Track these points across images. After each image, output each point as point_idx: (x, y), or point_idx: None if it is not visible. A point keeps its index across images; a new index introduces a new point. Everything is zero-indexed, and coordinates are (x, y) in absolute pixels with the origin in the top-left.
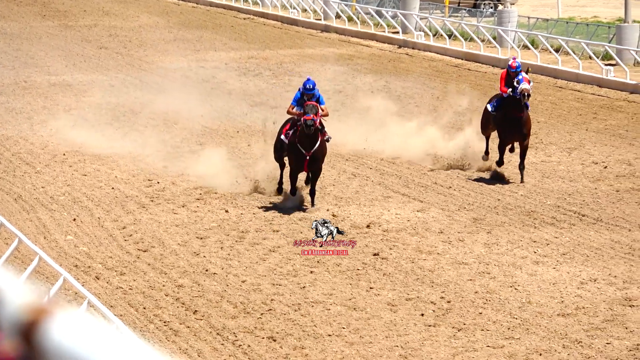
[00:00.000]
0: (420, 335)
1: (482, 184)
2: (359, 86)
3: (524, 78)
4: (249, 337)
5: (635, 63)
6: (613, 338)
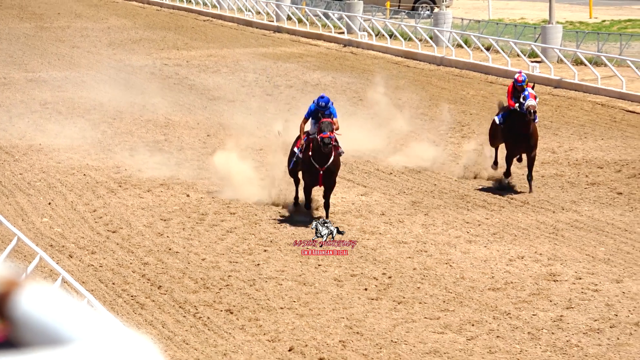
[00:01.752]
0: (364, 308)
1: (420, 170)
2: (308, 81)
3: (530, 94)
4: (209, 310)
5: (559, 60)
6: (538, 310)
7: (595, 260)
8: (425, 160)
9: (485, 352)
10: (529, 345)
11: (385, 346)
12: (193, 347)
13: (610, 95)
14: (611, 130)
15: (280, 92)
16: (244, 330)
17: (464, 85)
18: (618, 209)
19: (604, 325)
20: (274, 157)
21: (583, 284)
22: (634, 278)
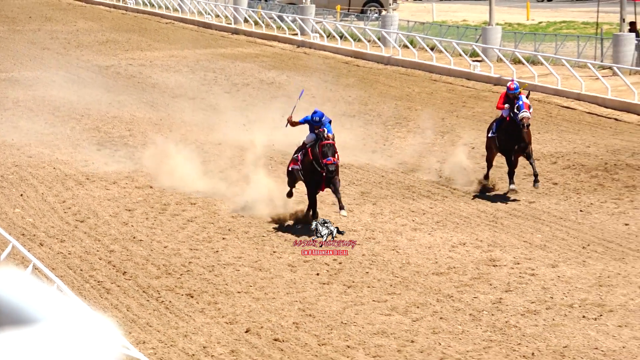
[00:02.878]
0: (316, 291)
1: (368, 162)
2: (264, 80)
3: (524, 104)
4: (170, 294)
5: (498, 59)
6: (479, 293)
7: (532, 247)
8: (374, 152)
9: (429, 332)
10: (470, 326)
11: (335, 327)
12: (156, 329)
13: (546, 92)
14: (547, 125)
15: (238, 89)
16: (204, 313)
17: (410, 83)
18: (554, 198)
19: (540, 307)
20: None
21: (521, 268)
22: (568, 263)
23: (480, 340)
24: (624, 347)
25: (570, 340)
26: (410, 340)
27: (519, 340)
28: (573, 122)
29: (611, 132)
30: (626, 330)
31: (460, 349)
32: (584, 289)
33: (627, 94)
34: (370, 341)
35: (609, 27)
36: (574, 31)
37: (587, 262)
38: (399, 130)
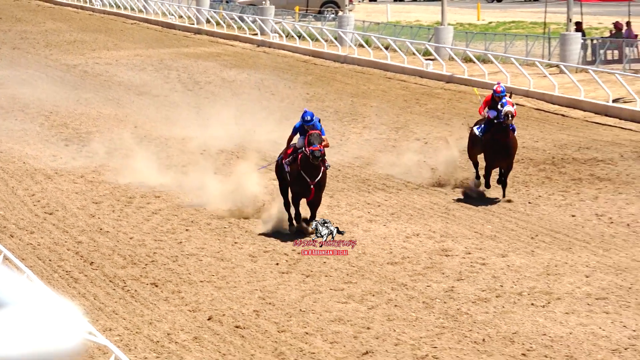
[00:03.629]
0: (275, 280)
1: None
2: (225, 78)
3: (508, 101)
4: (136, 284)
5: (450, 58)
6: (432, 282)
7: (483, 237)
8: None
9: (384, 319)
10: (423, 313)
11: (294, 315)
12: (122, 316)
13: None
14: None
15: (200, 87)
16: (168, 301)
17: (365, 81)
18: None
19: (490, 295)
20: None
21: (472, 258)
22: (517, 253)
23: (433, 327)
24: (571, 333)
25: (520, 327)
26: (366, 327)
27: (470, 327)
28: (522, 118)
29: (558, 128)
30: (573, 317)
31: (414, 335)
32: (532, 277)
33: (573, 91)
34: (328, 328)
35: (556, 27)
36: (522, 31)
37: (535, 252)
38: (355, 126)
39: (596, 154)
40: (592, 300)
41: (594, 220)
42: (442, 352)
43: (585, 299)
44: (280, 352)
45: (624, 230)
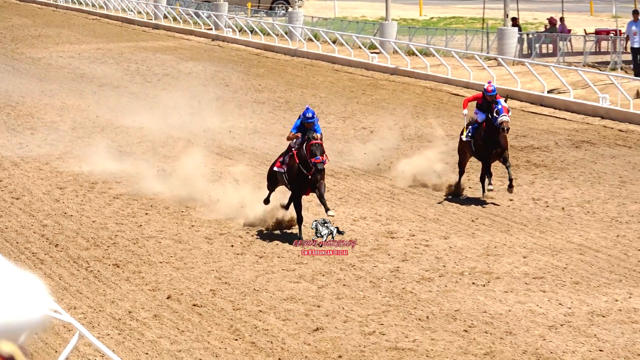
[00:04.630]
0: (230, 261)
1: (277, 145)
2: (182, 70)
3: (503, 107)
4: (98, 264)
5: (394, 51)
6: (378, 262)
7: (426, 220)
8: (283, 136)
9: (333, 298)
10: (370, 292)
11: (249, 294)
12: (85, 295)
13: (438, 80)
14: (439, 110)
15: (159, 79)
16: (129, 281)
17: (314, 73)
18: (445, 176)
19: (434, 275)
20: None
21: (416, 240)
22: (459, 235)
23: (380, 305)
24: (510, 310)
25: (461, 305)
26: (316, 305)
27: (415, 305)
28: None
29: None
30: (511, 295)
31: (362, 313)
32: (473, 258)
33: (510, 83)
34: (281, 306)
35: (494, 22)
36: (462, 26)
37: (475, 234)
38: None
39: (532, 142)
40: (530, 280)
41: (531, 204)
42: (389, 329)
43: (523, 279)
44: (236, 329)
45: (559, 213)
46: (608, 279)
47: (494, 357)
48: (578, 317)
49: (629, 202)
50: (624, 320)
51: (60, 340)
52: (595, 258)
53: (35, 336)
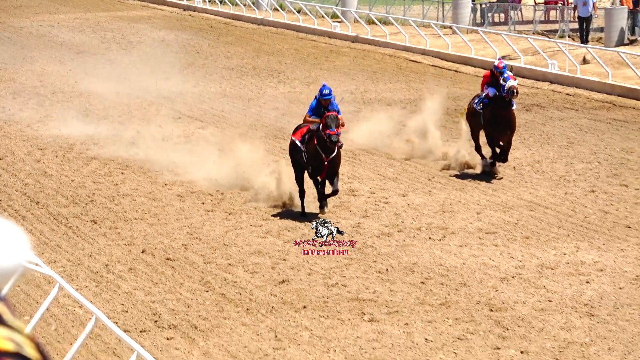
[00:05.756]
0: (201, 218)
1: (244, 108)
2: (155, 38)
3: (510, 76)
4: (77, 221)
5: (355, 20)
6: (341, 218)
7: (386, 179)
8: (250, 100)
9: (298, 252)
10: (334, 245)
11: (218, 248)
12: (65, 250)
13: (396, 48)
14: (397, 76)
15: (133, 47)
16: (106, 236)
17: (280, 41)
18: (403, 138)
19: (393, 230)
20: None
21: (376, 197)
22: (416, 192)
23: (342, 259)
24: (464, 263)
25: (419, 258)
26: (282, 259)
27: (375, 258)
28: (419, 74)
29: (452, 82)
30: (466, 249)
31: (325, 266)
32: (429, 214)
33: (464, 50)
34: (249, 260)
35: None
36: None
37: (432, 192)
38: (271, 81)
39: None
40: (483, 235)
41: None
42: (350, 281)
43: (476, 233)
44: (207, 281)
45: (511, 172)
46: (556, 234)
47: (450, 308)
48: (528, 269)
49: (576, 161)
50: (571, 272)
51: (41, 292)
52: (544, 214)
53: (17, 288)
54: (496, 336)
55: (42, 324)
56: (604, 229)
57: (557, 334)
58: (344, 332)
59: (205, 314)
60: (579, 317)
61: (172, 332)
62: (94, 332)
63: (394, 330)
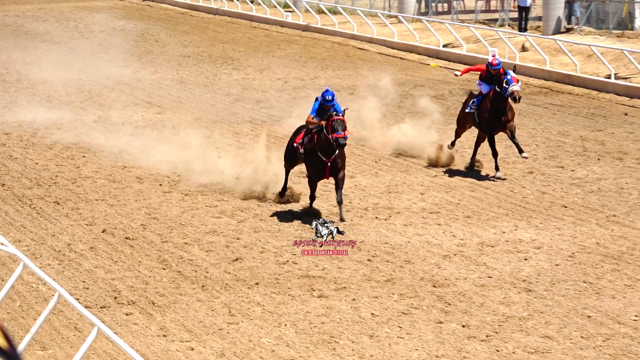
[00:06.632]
0: (159, 199)
1: (201, 94)
2: (116, 27)
3: (513, 78)
4: (41, 202)
5: (306, 10)
6: (292, 200)
7: None
8: (206, 86)
9: (251, 231)
10: (284, 226)
11: (175, 228)
12: (29, 230)
13: (345, 36)
14: (346, 63)
15: (95, 35)
16: (68, 217)
17: (234, 30)
18: (350, 122)
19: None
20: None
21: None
22: (363, 174)
23: (293, 237)
24: (409, 241)
25: (366, 237)
26: (236, 238)
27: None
28: (367, 61)
29: (398, 69)
30: (410, 228)
31: (277, 245)
32: (376, 195)
33: (409, 38)
34: (204, 239)
35: None
36: None
37: (379, 174)
38: (225, 68)
39: (429, 91)
40: (427, 214)
41: (427, 146)
42: (300, 258)
43: (420, 213)
44: (164, 260)
45: (453, 154)
46: (496, 213)
47: (395, 284)
48: (469, 247)
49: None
50: (510, 250)
51: (6, 270)
52: (485, 194)
53: None
54: (439, 311)
55: (7, 301)
56: (542, 209)
57: (496, 309)
58: (295, 307)
59: (162, 291)
60: (517, 293)
61: (131, 308)
62: (57, 308)
63: (341, 306)
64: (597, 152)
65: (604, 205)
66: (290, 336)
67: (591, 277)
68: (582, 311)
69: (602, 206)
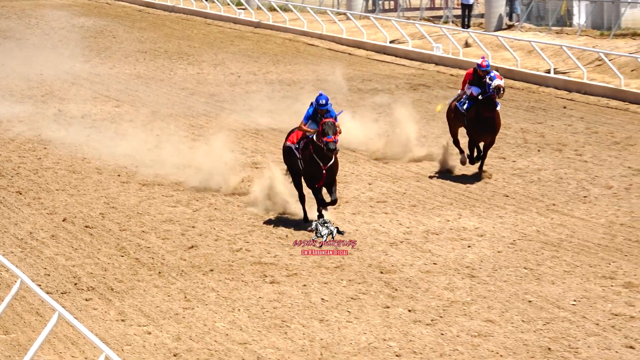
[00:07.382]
0: (117, 189)
1: (157, 88)
2: (75, 24)
3: (496, 75)
4: (3, 192)
5: (258, 7)
6: (244, 190)
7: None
8: (162, 81)
9: (206, 220)
10: (238, 214)
11: (133, 217)
12: None
13: (295, 33)
14: (296, 58)
15: (55, 32)
16: (30, 206)
17: (190, 27)
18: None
19: (292, 200)
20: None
21: (281, 168)
22: None
23: (246, 226)
24: (357, 229)
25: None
26: (191, 226)
27: (276, 225)
28: (316, 56)
29: (346, 64)
30: (359, 217)
31: (231, 233)
32: None
33: (358, 34)
34: (160, 227)
35: None
36: None
37: None
38: (181, 63)
39: (377, 85)
40: (374, 203)
41: (375, 138)
42: (253, 246)
43: (368, 202)
44: (122, 247)
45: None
46: (441, 202)
47: (344, 270)
48: (415, 235)
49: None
50: (454, 237)
51: None
52: (430, 184)
53: None
54: (386, 296)
55: None
56: (484, 198)
57: (441, 294)
58: (248, 293)
59: (120, 277)
60: (461, 279)
61: (91, 294)
62: (19, 294)
63: (293, 291)
64: (537, 144)
65: (544, 195)
66: (244, 320)
67: (532, 264)
68: (523, 296)
69: (542, 195)
